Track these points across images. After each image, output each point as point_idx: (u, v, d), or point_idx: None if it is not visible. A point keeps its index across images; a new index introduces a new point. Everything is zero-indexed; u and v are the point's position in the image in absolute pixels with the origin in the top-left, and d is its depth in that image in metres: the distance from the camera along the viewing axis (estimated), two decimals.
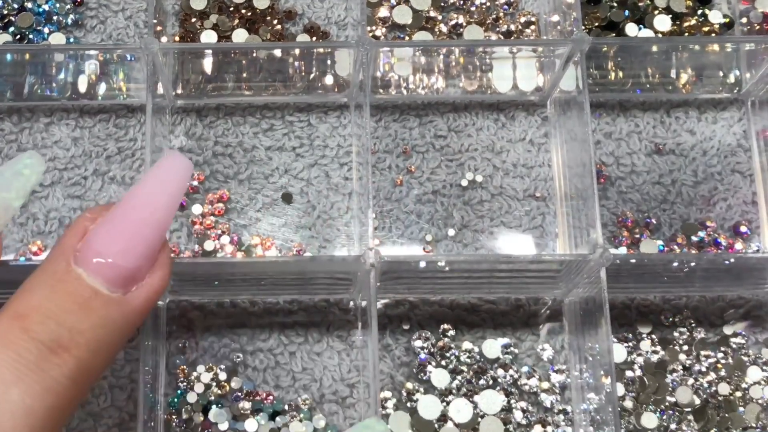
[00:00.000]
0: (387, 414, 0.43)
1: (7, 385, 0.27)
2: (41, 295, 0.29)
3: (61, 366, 0.28)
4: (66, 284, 0.29)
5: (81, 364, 0.28)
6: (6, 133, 0.47)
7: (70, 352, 0.28)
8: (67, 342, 0.28)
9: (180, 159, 0.31)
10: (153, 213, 0.30)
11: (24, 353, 0.27)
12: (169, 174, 0.31)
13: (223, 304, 0.45)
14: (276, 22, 0.49)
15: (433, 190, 0.47)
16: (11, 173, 0.32)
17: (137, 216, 0.30)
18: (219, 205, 0.46)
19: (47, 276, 0.30)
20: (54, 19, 0.49)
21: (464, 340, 0.45)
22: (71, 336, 0.28)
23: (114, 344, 0.30)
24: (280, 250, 0.46)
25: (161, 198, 0.31)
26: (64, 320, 0.28)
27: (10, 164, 0.32)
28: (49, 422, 0.27)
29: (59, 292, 0.29)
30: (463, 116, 0.48)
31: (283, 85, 0.48)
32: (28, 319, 0.28)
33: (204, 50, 0.47)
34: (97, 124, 0.48)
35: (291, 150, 0.47)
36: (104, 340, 0.29)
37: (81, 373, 0.28)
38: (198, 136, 0.48)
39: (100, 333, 0.29)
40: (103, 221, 0.31)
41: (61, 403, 0.28)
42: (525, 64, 0.47)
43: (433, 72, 0.47)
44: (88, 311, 0.29)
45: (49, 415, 0.27)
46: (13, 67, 0.47)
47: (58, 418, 0.28)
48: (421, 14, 0.49)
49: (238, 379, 0.44)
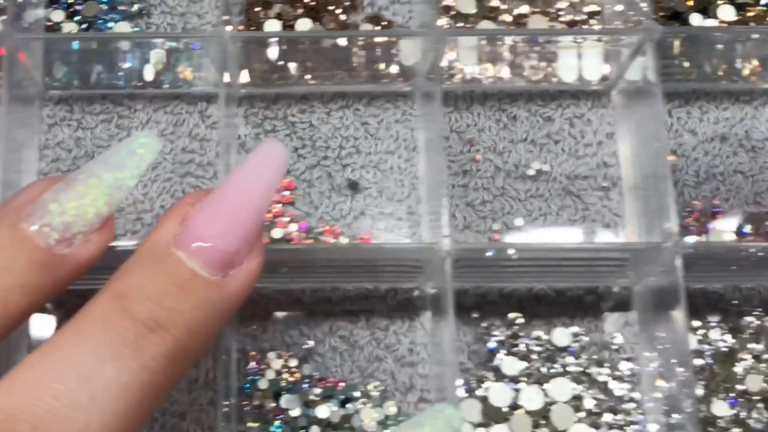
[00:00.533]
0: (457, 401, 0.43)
1: (104, 362, 0.27)
2: (140, 275, 0.29)
3: (159, 345, 0.28)
4: (165, 265, 0.30)
5: (178, 344, 0.28)
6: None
7: (169, 331, 0.28)
8: (166, 321, 0.28)
9: (278, 147, 0.32)
10: (251, 198, 0.31)
11: (123, 332, 0.28)
12: (267, 161, 0.31)
13: (292, 291, 0.45)
14: (340, 11, 0.49)
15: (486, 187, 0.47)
16: (126, 152, 0.32)
17: (236, 200, 0.31)
18: (285, 192, 0.47)
19: (146, 258, 0.30)
20: (118, 8, 0.49)
21: (533, 328, 0.45)
22: (170, 316, 0.29)
23: (211, 327, 0.30)
24: (348, 238, 0.46)
25: (259, 184, 0.31)
26: (163, 300, 0.29)
27: (125, 143, 0.32)
28: (144, 400, 0.28)
29: (159, 273, 0.29)
30: (527, 105, 0.48)
31: (348, 74, 0.48)
32: (128, 299, 0.28)
33: (269, 39, 0.47)
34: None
35: (357, 138, 0.48)
36: (202, 321, 0.30)
37: (178, 353, 0.29)
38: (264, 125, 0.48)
39: (199, 314, 0.29)
40: (201, 206, 0.31)
41: (157, 382, 0.28)
42: (590, 54, 0.47)
43: (498, 61, 0.48)
44: (187, 292, 0.29)
45: (144, 393, 0.27)
46: (80, 55, 0.47)
47: (153, 397, 0.28)
48: (484, 4, 0.49)
49: (308, 365, 0.44)
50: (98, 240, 0.32)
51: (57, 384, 0.26)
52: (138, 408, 0.27)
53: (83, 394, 0.26)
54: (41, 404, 0.25)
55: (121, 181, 0.32)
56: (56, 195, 0.31)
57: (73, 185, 0.31)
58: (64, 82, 0.47)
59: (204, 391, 0.44)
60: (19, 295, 0.30)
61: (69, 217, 0.31)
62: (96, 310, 0.28)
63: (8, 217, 0.31)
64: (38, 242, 0.31)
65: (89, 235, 0.32)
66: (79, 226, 0.31)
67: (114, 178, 0.32)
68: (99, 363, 0.27)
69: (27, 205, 0.31)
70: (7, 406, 0.25)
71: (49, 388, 0.26)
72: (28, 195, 0.32)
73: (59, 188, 0.32)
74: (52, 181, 0.32)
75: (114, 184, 0.32)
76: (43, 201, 0.31)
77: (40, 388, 0.26)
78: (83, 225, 0.31)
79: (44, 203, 0.31)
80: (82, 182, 0.32)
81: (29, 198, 0.32)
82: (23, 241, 0.30)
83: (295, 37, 0.47)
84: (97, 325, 0.28)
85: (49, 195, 0.31)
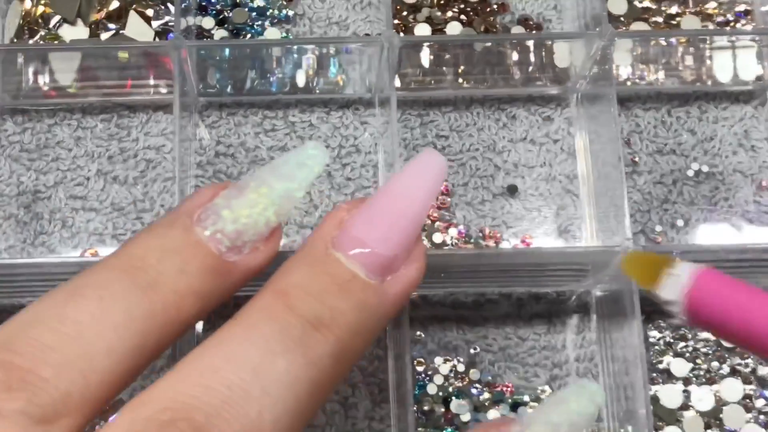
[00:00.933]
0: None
1: (274, 355, 0.27)
2: (301, 275, 0.29)
3: (323, 343, 0.28)
4: (325, 266, 0.29)
5: (341, 344, 0.28)
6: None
7: (332, 330, 0.28)
8: (329, 321, 0.28)
9: (437, 156, 0.31)
10: (410, 205, 0.30)
11: (288, 327, 0.27)
12: (426, 169, 0.31)
13: (453, 296, 0.45)
14: (489, 12, 0.49)
15: (659, 181, 0.47)
16: (295, 163, 0.32)
17: (395, 206, 0.30)
18: (443, 197, 0.47)
19: (306, 259, 0.30)
20: (267, 14, 0.49)
21: (701, 329, 0.45)
22: (332, 315, 0.28)
23: (371, 330, 0.30)
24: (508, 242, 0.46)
25: (418, 191, 0.30)
26: (325, 299, 0.28)
27: (294, 154, 0.32)
28: (311, 399, 0.27)
29: (319, 273, 0.29)
30: (682, 106, 0.48)
31: (502, 78, 0.48)
32: (291, 296, 0.28)
33: (422, 43, 0.47)
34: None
35: (516, 141, 0.48)
36: (363, 323, 0.29)
37: (341, 352, 0.28)
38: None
39: (359, 316, 0.29)
40: (360, 210, 0.31)
41: (323, 379, 0.28)
42: (744, 54, 0.47)
43: (651, 63, 0.47)
44: (348, 293, 0.29)
45: (311, 389, 0.27)
46: (231, 62, 0.47)
47: (319, 395, 0.28)
48: (635, 5, 0.49)
49: (476, 370, 0.44)
50: (266, 249, 0.32)
51: (229, 374, 0.26)
52: (306, 406, 0.27)
53: (255, 385, 0.26)
54: (215, 394, 0.25)
55: (291, 191, 0.31)
56: (228, 201, 0.31)
57: (245, 192, 0.31)
58: (217, 89, 0.47)
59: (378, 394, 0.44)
60: (193, 300, 0.29)
61: (241, 225, 0.31)
62: (260, 306, 0.28)
63: (181, 220, 0.31)
64: (211, 248, 0.30)
65: (257, 243, 0.31)
66: (249, 235, 0.31)
67: (284, 188, 0.31)
68: (270, 356, 0.26)
69: (199, 208, 0.31)
70: (181, 394, 0.25)
71: (222, 378, 0.25)
72: (199, 199, 0.32)
73: (231, 194, 0.31)
74: (221, 187, 0.32)
75: (284, 194, 0.31)
76: (216, 206, 0.31)
77: (214, 378, 0.25)
78: (254, 234, 0.31)
79: (216, 209, 0.31)
80: (254, 190, 0.31)
81: (201, 202, 0.31)
82: (197, 245, 0.30)
83: (467, 41, 0.47)
84: (262, 319, 0.27)
85: (221, 201, 0.31)
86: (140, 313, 0.28)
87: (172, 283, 0.29)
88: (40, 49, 0.45)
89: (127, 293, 0.28)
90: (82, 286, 0.28)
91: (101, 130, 0.47)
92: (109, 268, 0.29)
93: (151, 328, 0.28)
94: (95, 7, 0.48)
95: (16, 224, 0.46)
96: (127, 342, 0.27)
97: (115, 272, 0.28)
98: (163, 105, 0.48)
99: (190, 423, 0.24)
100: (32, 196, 0.46)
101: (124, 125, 0.48)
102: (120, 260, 0.29)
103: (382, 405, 0.43)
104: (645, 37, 0.45)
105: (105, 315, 0.27)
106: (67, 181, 0.46)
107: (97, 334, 0.27)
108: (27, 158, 0.47)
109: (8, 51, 0.45)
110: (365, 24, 0.49)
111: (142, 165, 0.47)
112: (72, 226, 0.46)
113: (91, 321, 0.27)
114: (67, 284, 0.28)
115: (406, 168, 0.31)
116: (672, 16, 0.48)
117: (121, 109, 0.48)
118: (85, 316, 0.27)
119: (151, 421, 0.24)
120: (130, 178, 0.47)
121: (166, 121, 0.48)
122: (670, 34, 0.46)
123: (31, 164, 0.47)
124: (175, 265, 0.29)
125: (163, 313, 0.28)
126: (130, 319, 0.27)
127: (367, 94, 0.48)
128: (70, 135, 0.47)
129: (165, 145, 0.47)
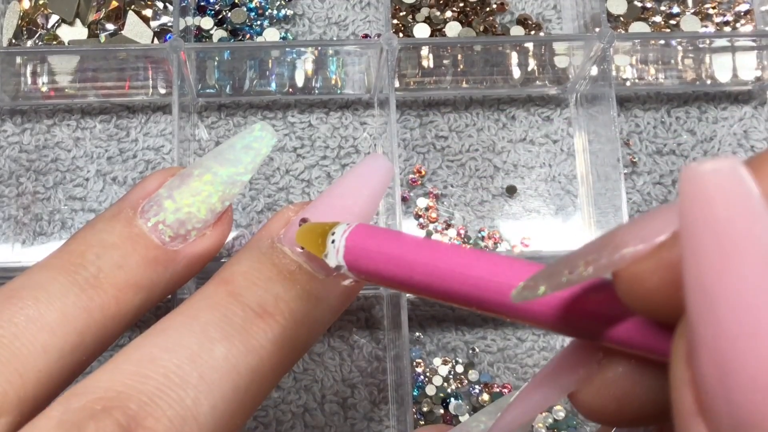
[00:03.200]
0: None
1: (213, 342, 0.27)
2: (247, 265, 0.29)
3: (266, 330, 0.28)
4: (271, 257, 0.30)
5: (285, 332, 0.28)
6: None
7: (275, 317, 0.28)
8: (273, 308, 0.28)
9: (381, 160, 0.32)
10: (354, 204, 0.31)
11: (230, 315, 0.28)
12: (370, 171, 0.31)
13: None
14: (488, 12, 0.49)
15: (658, 181, 0.47)
16: (241, 147, 0.32)
17: (339, 204, 0.31)
18: (443, 198, 0.47)
19: (252, 251, 0.30)
20: (266, 15, 0.49)
21: None
22: (276, 302, 0.29)
23: (318, 321, 0.30)
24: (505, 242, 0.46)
25: (362, 191, 0.31)
26: (269, 287, 0.29)
27: (239, 137, 0.32)
28: (251, 386, 0.27)
29: (265, 263, 0.30)
30: (681, 107, 0.48)
31: (501, 78, 0.48)
32: (235, 284, 0.29)
33: (422, 45, 0.47)
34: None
35: (515, 141, 0.47)
36: (309, 313, 0.29)
37: (285, 340, 0.28)
38: (415, 130, 0.48)
39: (305, 305, 0.29)
40: (305, 210, 0.31)
41: (264, 367, 0.28)
42: (744, 54, 0.47)
43: (650, 63, 0.47)
44: (293, 282, 0.29)
45: (251, 377, 0.27)
46: (230, 63, 0.47)
47: (260, 383, 0.28)
48: (635, 4, 0.49)
49: (474, 371, 0.44)
50: (213, 234, 0.32)
51: (166, 362, 0.26)
52: (245, 393, 0.27)
53: (192, 372, 0.26)
54: (150, 381, 0.25)
55: (236, 176, 0.32)
56: (170, 192, 0.31)
57: (188, 181, 0.32)
58: (216, 90, 0.47)
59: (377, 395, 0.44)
60: (133, 293, 0.30)
61: (183, 214, 0.31)
62: (204, 295, 0.28)
63: (124, 213, 0.31)
64: (153, 239, 0.31)
65: (204, 229, 0.32)
66: (193, 223, 0.31)
67: (228, 174, 0.32)
68: (208, 343, 0.27)
69: (142, 199, 0.31)
70: (116, 383, 0.25)
71: (158, 366, 0.26)
72: (144, 189, 0.32)
73: (173, 184, 0.32)
74: (168, 174, 0.32)
75: (228, 180, 0.32)
76: (158, 197, 0.31)
77: (150, 367, 0.26)
78: (198, 222, 0.31)
79: (159, 199, 0.31)
80: (197, 178, 0.32)
81: (145, 192, 0.32)
82: (138, 237, 0.31)
83: (466, 43, 0.47)
84: (204, 308, 0.28)
85: (164, 191, 0.31)
86: (77, 312, 0.28)
87: (111, 278, 0.29)
88: (38, 52, 0.45)
89: (64, 292, 0.28)
90: (19, 288, 0.28)
91: (100, 131, 0.47)
92: (47, 268, 0.29)
93: (89, 325, 0.29)
94: (94, 8, 0.48)
95: (15, 225, 0.46)
96: (64, 340, 0.28)
97: (53, 271, 0.29)
98: (162, 106, 0.48)
99: (123, 411, 0.24)
100: (31, 196, 0.46)
101: (124, 126, 0.48)
102: (59, 259, 0.30)
103: (381, 406, 0.43)
104: (644, 39, 0.44)
105: (40, 316, 0.28)
106: (67, 182, 0.46)
107: (32, 335, 0.27)
108: (26, 159, 0.47)
109: (7, 53, 0.44)
110: (365, 24, 0.49)
111: (141, 166, 0.47)
112: (71, 227, 0.46)
113: (26, 322, 0.27)
114: (6, 286, 0.29)
115: (351, 171, 0.32)
116: (671, 15, 0.48)
117: (120, 110, 0.48)
118: (20, 317, 0.27)
119: (84, 410, 0.24)
120: (129, 178, 0.47)
121: (165, 122, 0.48)
122: (670, 36, 0.46)
123: (30, 165, 0.47)
124: (113, 260, 0.30)
125: (101, 309, 0.29)
126: (66, 318, 0.28)
127: (366, 94, 0.48)
128: (69, 136, 0.47)
129: (164, 146, 0.47)
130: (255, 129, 0.32)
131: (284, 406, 0.43)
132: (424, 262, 0.23)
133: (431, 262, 0.22)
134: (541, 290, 0.19)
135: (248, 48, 0.47)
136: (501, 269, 0.21)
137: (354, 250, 0.25)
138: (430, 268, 0.22)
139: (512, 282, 0.21)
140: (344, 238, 0.25)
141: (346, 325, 0.45)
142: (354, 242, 0.25)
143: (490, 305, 0.21)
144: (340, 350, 0.44)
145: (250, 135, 0.32)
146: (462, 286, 0.22)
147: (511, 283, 0.21)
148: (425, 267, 0.22)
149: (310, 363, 0.44)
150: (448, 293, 0.22)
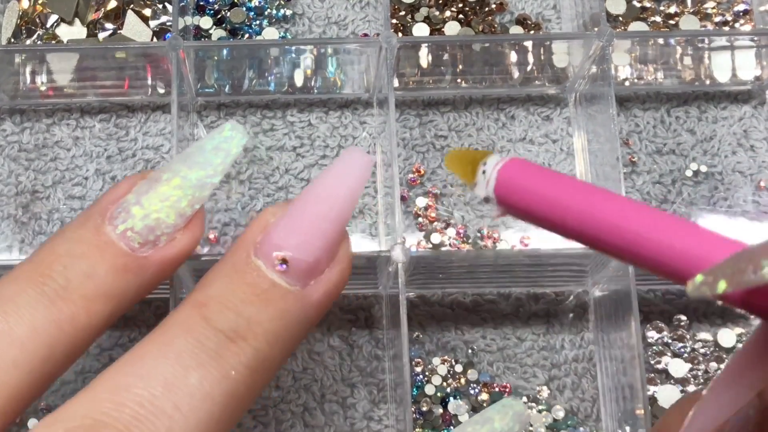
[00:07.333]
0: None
1: (186, 370, 0.27)
2: (220, 285, 0.29)
3: (239, 355, 0.28)
4: (245, 275, 0.29)
5: (259, 355, 0.28)
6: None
7: (248, 341, 0.28)
8: (245, 332, 0.28)
9: (359, 154, 0.30)
10: (331, 207, 0.30)
11: (204, 340, 0.28)
12: (348, 168, 0.30)
13: (451, 296, 0.45)
14: (487, 11, 0.49)
15: (658, 181, 0.47)
16: (211, 148, 0.31)
17: (315, 210, 0.30)
18: (442, 197, 0.46)
19: (227, 267, 0.30)
20: (265, 14, 0.49)
21: (699, 330, 0.45)
22: (249, 326, 0.28)
23: (292, 337, 0.30)
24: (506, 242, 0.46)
25: (340, 192, 0.30)
26: (242, 310, 0.29)
27: (209, 138, 0.32)
28: (227, 410, 0.28)
29: (238, 282, 0.29)
30: (681, 106, 0.48)
31: (500, 78, 0.48)
32: (208, 308, 0.28)
33: (421, 43, 0.47)
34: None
35: (514, 141, 0.47)
36: (282, 332, 0.29)
37: (259, 363, 0.28)
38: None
39: (278, 325, 0.29)
40: (282, 215, 0.30)
41: (239, 391, 0.28)
42: (743, 54, 0.47)
43: (649, 62, 0.47)
44: (267, 302, 0.29)
45: (226, 402, 0.27)
46: (229, 62, 0.47)
47: (236, 408, 0.28)
48: (634, 4, 0.49)
49: (474, 370, 0.44)
50: (184, 238, 0.32)
51: (141, 391, 0.26)
52: (220, 418, 0.27)
53: (167, 401, 0.26)
54: (126, 410, 0.25)
55: (206, 179, 0.31)
56: (138, 197, 0.31)
57: (156, 186, 0.31)
58: (215, 89, 0.47)
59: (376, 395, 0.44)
60: (103, 303, 0.30)
61: (152, 220, 0.31)
62: (177, 320, 0.28)
63: (92, 220, 0.31)
64: (122, 246, 0.30)
65: (174, 234, 0.31)
66: (162, 229, 0.31)
67: (198, 177, 0.31)
68: (182, 371, 0.27)
69: (111, 205, 0.31)
70: (93, 411, 0.25)
71: (133, 394, 0.26)
72: (114, 194, 0.32)
73: (141, 190, 0.31)
74: (139, 178, 0.32)
75: (198, 183, 0.31)
76: (126, 203, 0.31)
77: (125, 395, 0.26)
78: (167, 227, 0.31)
79: (127, 205, 0.31)
80: (165, 183, 0.31)
81: (115, 197, 0.31)
82: (106, 246, 0.30)
83: (465, 41, 0.47)
84: (178, 334, 0.28)
85: (132, 197, 0.31)
86: (46, 325, 0.28)
87: (80, 289, 0.29)
88: (37, 50, 0.45)
89: (32, 305, 0.28)
90: None
91: (100, 130, 0.47)
92: (16, 281, 0.29)
93: (59, 338, 0.28)
94: (93, 7, 0.48)
95: (14, 224, 0.46)
96: (34, 354, 0.28)
97: (21, 284, 0.29)
98: (161, 105, 0.48)
99: None
100: (30, 195, 0.46)
101: (123, 125, 0.47)
102: (28, 270, 0.29)
103: (380, 405, 0.43)
104: (643, 38, 0.44)
105: (10, 330, 0.28)
106: (66, 181, 0.46)
107: (3, 350, 0.27)
108: (25, 158, 0.47)
109: (5, 52, 0.44)
110: (364, 23, 0.49)
111: (140, 165, 0.47)
112: None
113: None
114: None
115: (328, 169, 0.31)
116: (670, 15, 0.48)
117: (119, 109, 0.48)
118: None
119: None
120: None
121: (164, 121, 0.47)
122: (669, 35, 0.46)
123: (29, 164, 0.47)
124: (82, 270, 0.30)
125: (71, 321, 0.29)
126: (36, 332, 0.28)
127: (365, 94, 0.48)
128: (68, 135, 0.47)
129: (163, 145, 0.47)
130: (225, 129, 0.32)
131: (284, 405, 0.43)
132: (581, 209, 0.21)
133: (588, 209, 0.21)
134: (721, 287, 0.18)
135: (247, 46, 0.47)
136: (668, 233, 0.19)
137: (505, 184, 0.23)
138: (586, 216, 0.21)
139: (674, 244, 0.19)
140: (496, 170, 0.24)
141: (346, 324, 0.44)
142: (506, 175, 0.23)
143: (649, 264, 0.20)
144: (339, 349, 0.44)
145: (219, 135, 0.31)
146: (621, 241, 0.20)
147: (674, 246, 0.19)
148: (581, 215, 0.21)
149: (309, 362, 0.44)
150: (602, 244, 0.21)
